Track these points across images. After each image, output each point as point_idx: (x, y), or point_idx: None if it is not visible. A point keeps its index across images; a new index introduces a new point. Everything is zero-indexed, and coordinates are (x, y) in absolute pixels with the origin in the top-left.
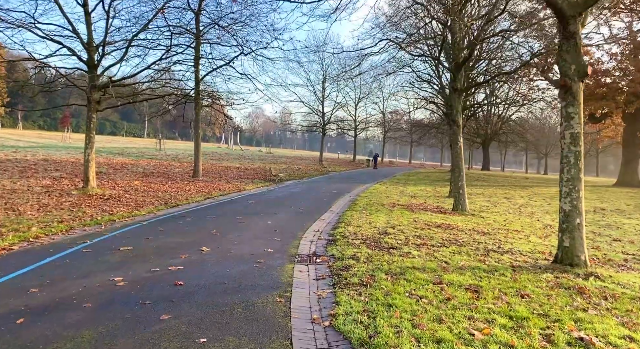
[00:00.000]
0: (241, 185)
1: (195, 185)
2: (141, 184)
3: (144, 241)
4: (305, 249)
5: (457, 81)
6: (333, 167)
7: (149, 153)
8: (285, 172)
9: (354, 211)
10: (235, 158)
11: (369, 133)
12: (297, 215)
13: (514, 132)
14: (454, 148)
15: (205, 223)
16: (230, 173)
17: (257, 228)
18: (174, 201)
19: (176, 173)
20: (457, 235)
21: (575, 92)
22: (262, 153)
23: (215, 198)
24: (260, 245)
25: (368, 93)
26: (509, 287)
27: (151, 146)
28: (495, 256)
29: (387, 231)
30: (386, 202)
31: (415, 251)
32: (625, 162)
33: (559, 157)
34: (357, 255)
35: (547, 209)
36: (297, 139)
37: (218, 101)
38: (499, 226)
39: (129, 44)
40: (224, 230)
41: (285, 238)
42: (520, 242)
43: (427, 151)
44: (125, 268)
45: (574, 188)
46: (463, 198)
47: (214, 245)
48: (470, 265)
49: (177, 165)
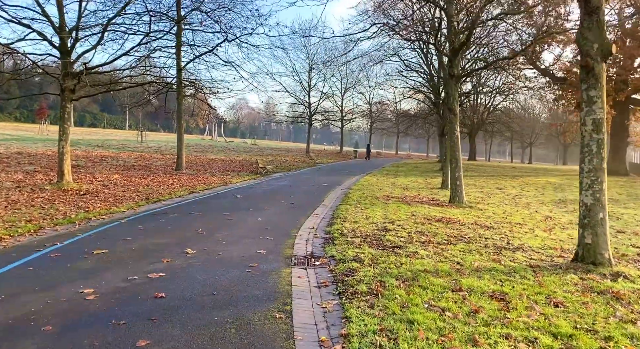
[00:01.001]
0: (227, 178)
1: (179, 179)
2: (121, 178)
3: (121, 243)
4: (301, 249)
5: (454, 67)
6: (320, 159)
7: (130, 146)
8: (272, 164)
9: (348, 206)
10: (219, 150)
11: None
12: (289, 210)
13: (500, 122)
14: (450, 138)
15: (189, 220)
16: (215, 165)
17: (247, 226)
18: (155, 196)
19: (158, 166)
20: (460, 230)
21: (598, 73)
22: (247, 145)
23: (200, 193)
24: (251, 245)
25: (355, 83)
26: (536, 293)
27: (133, 138)
28: (508, 254)
29: (387, 227)
30: (380, 195)
31: (422, 250)
32: (612, 151)
33: (544, 146)
34: (360, 256)
35: (542, 199)
36: (282, 131)
37: (201, 90)
38: (500, 219)
39: (105, 28)
40: (211, 228)
41: (278, 236)
42: (527, 237)
43: (412, 141)
44: (98, 276)
45: (597, 179)
46: (460, 190)
47: (200, 246)
48: (486, 266)
49: (160, 158)
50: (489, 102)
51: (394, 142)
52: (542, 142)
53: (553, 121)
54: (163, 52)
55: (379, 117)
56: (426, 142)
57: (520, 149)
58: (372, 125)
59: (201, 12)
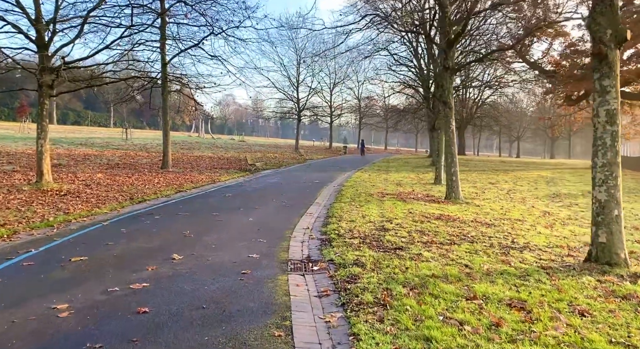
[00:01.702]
0: (215, 176)
1: (165, 177)
2: (104, 177)
3: (102, 248)
4: (297, 252)
5: (449, 59)
6: (310, 155)
7: (115, 143)
8: (261, 160)
9: (342, 203)
10: (207, 147)
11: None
12: (281, 209)
13: (488, 116)
14: (445, 133)
15: (176, 222)
16: (202, 163)
17: (238, 227)
18: (140, 196)
19: (144, 164)
20: (462, 228)
21: (612, 61)
22: (235, 142)
23: (187, 192)
24: (243, 248)
25: (343, 78)
26: (557, 300)
27: (117, 136)
28: (516, 254)
29: (385, 226)
30: (374, 192)
31: (425, 251)
32: None
33: (531, 140)
34: (361, 259)
35: (536, 194)
36: (269, 127)
37: (187, 85)
38: (499, 215)
39: (84, 21)
40: (199, 230)
41: (271, 238)
42: (530, 235)
43: (400, 137)
44: (74, 288)
45: (611, 174)
46: (456, 186)
47: (188, 250)
48: (496, 268)
49: (145, 156)
50: (478, 96)
51: (383, 137)
52: (530, 136)
53: (540, 115)
54: (147, 46)
55: (368, 112)
56: (415, 137)
57: (508, 143)
58: (361, 121)
59: (186, 5)
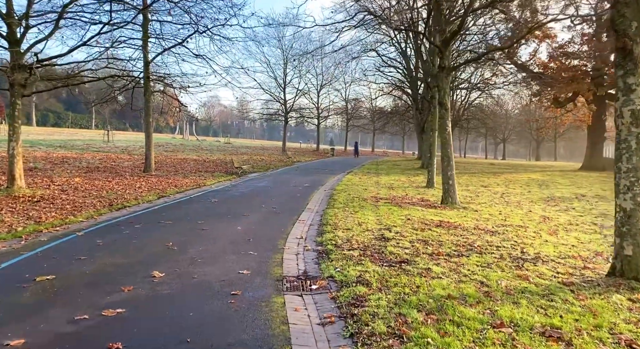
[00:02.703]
0: (200, 180)
1: (147, 181)
2: (83, 181)
3: (74, 264)
4: (292, 267)
5: (445, 58)
6: (298, 157)
7: (96, 146)
8: (248, 163)
9: (335, 209)
10: (191, 149)
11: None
12: (271, 216)
13: (475, 118)
14: (441, 135)
15: (158, 231)
16: (187, 166)
17: (225, 237)
18: (120, 202)
19: (125, 167)
20: (465, 236)
21: (638, 57)
22: (221, 144)
23: (171, 197)
24: (232, 263)
25: (330, 80)
26: (594, 326)
27: (99, 138)
28: (531, 267)
29: (385, 235)
30: (367, 196)
31: (434, 265)
32: (591, 146)
33: (516, 142)
34: (365, 276)
35: (531, 198)
36: (255, 129)
37: (170, 85)
38: (499, 221)
39: (60, 16)
40: (183, 241)
41: (262, 250)
42: (538, 243)
43: (386, 139)
44: (35, 317)
45: (637, 180)
46: (453, 190)
47: (170, 266)
48: (515, 285)
49: (127, 158)
50: (465, 98)
51: (369, 139)
52: (514, 138)
53: (526, 117)
54: (129, 44)
55: (355, 114)
56: (401, 139)
57: (493, 145)
58: (348, 123)
59: (169, 1)
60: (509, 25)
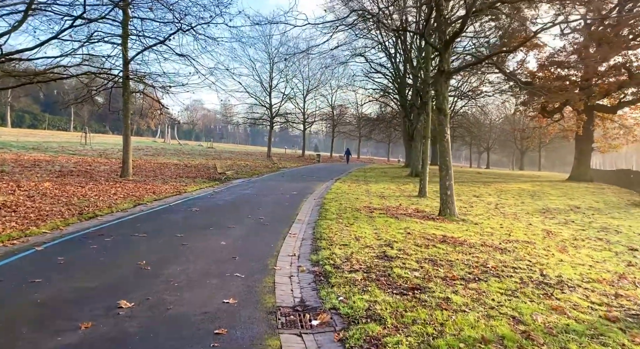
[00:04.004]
0: (181, 186)
1: (124, 187)
2: (53, 186)
3: (23, 290)
4: (286, 294)
5: (444, 61)
6: (283, 163)
7: (72, 148)
8: (232, 168)
9: (328, 221)
10: (172, 153)
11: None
12: (259, 228)
13: (461, 126)
14: (440, 142)
15: (130, 246)
16: (167, 171)
17: (208, 254)
18: (91, 211)
19: (101, 171)
20: (475, 255)
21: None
22: (203, 148)
23: (148, 205)
24: (215, 288)
25: (317, 86)
26: None
27: (76, 140)
28: (560, 296)
29: (387, 253)
30: (359, 206)
31: (451, 293)
32: (578, 156)
33: (499, 151)
34: (375, 308)
35: (526, 209)
36: (239, 134)
37: (151, 85)
38: (504, 236)
39: (29, 6)
40: (159, 259)
41: (250, 271)
42: (554, 263)
43: (371, 146)
44: None
45: None
46: (451, 201)
47: (142, 292)
48: (554, 322)
49: (104, 162)
50: (451, 106)
51: (355, 145)
52: (497, 147)
53: (509, 126)
54: (108, 41)
55: (341, 120)
56: (386, 146)
57: (477, 154)
58: (334, 129)
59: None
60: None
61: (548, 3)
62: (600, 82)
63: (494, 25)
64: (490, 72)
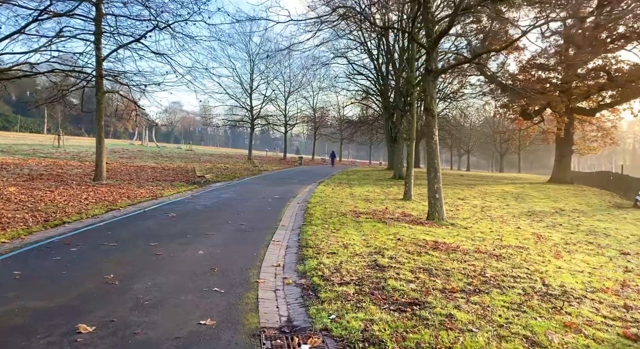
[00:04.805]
0: (157, 190)
1: (96, 191)
2: (19, 191)
3: None
4: (271, 312)
5: (432, 61)
6: (264, 166)
7: (44, 151)
8: (212, 172)
9: (314, 227)
10: (150, 156)
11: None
12: (240, 236)
13: (443, 129)
14: (428, 144)
15: (98, 257)
16: (143, 174)
17: (183, 266)
18: (59, 217)
19: (74, 174)
20: (470, 263)
21: None
22: (182, 151)
23: (121, 210)
24: (191, 306)
25: (298, 87)
26: None
27: (49, 143)
28: (570, 310)
29: (378, 261)
30: (345, 210)
31: (454, 308)
32: (559, 159)
33: (478, 153)
34: (373, 329)
35: (512, 212)
36: (219, 136)
37: (126, 85)
38: (496, 241)
39: None
40: (128, 272)
41: (230, 285)
42: (552, 270)
43: (352, 148)
44: None
45: None
46: (440, 205)
47: (106, 312)
48: (571, 342)
49: (77, 165)
50: None
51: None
52: (477, 150)
53: (493, 128)
54: (81, 39)
55: (323, 122)
56: (368, 149)
57: (457, 156)
58: (316, 131)
59: None
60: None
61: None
62: (581, 85)
63: (476, 28)
64: (471, 75)
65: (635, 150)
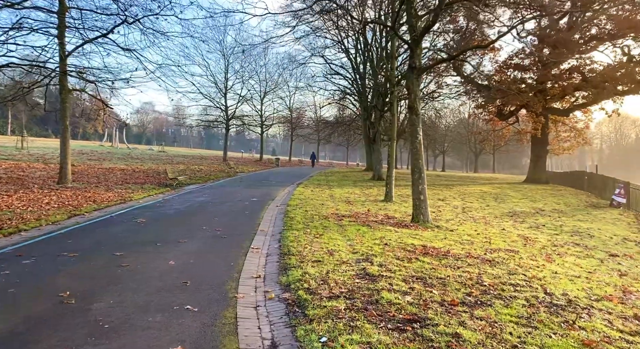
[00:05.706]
0: (126, 193)
1: (59, 196)
2: None
3: None
4: (252, 334)
5: (415, 57)
6: (240, 167)
7: (5, 153)
8: (185, 174)
9: (295, 231)
10: (120, 158)
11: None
12: (215, 243)
13: None
14: (412, 143)
15: (55, 271)
16: (112, 176)
17: (152, 279)
18: (14, 224)
19: (36, 177)
20: (464, 269)
21: None
22: (154, 152)
23: (86, 215)
24: (158, 332)
25: (274, 87)
26: None
27: (12, 144)
28: (584, 325)
29: (367, 270)
30: (327, 213)
31: (458, 325)
32: (534, 159)
33: (453, 154)
34: None
35: (493, 213)
36: (193, 137)
37: (92, 82)
38: (485, 245)
39: None
40: (88, 288)
41: (205, 301)
42: (549, 276)
43: (329, 149)
44: None
45: None
46: (425, 206)
47: (57, 342)
48: None
49: (41, 168)
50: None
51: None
52: (451, 150)
53: (467, 129)
54: (43, 34)
55: (300, 123)
56: (345, 150)
57: (433, 157)
58: (292, 132)
59: None
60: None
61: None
62: (557, 85)
63: (452, 28)
64: (447, 75)
65: (602, 151)
